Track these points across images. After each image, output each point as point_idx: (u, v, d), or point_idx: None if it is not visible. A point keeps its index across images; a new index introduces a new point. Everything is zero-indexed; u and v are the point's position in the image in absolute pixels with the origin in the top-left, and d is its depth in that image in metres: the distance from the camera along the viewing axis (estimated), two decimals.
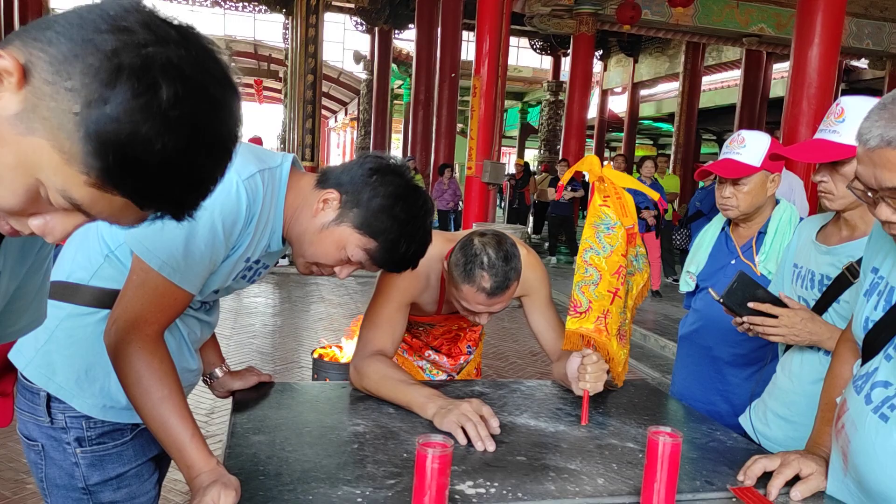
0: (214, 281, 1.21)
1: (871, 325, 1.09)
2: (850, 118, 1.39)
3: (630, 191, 1.55)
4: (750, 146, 1.83)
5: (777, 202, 1.92)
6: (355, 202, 1.18)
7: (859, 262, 1.38)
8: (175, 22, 0.58)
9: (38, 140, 0.54)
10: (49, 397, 1.19)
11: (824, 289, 1.48)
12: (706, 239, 2.05)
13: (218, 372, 1.52)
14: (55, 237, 0.60)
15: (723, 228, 2.00)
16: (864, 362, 1.12)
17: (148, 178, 0.56)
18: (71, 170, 0.55)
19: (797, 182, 4.26)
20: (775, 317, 1.44)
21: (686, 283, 2.06)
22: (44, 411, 1.19)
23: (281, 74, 15.76)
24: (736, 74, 14.36)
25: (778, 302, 1.46)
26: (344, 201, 1.19)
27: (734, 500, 1.14)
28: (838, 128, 1.41)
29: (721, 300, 1.47)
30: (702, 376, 1.96)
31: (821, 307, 1.48)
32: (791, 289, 1.60)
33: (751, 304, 1.45)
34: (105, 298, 1.18)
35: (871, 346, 1.10)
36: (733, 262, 1.92)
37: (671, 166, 12.38)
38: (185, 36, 0.57)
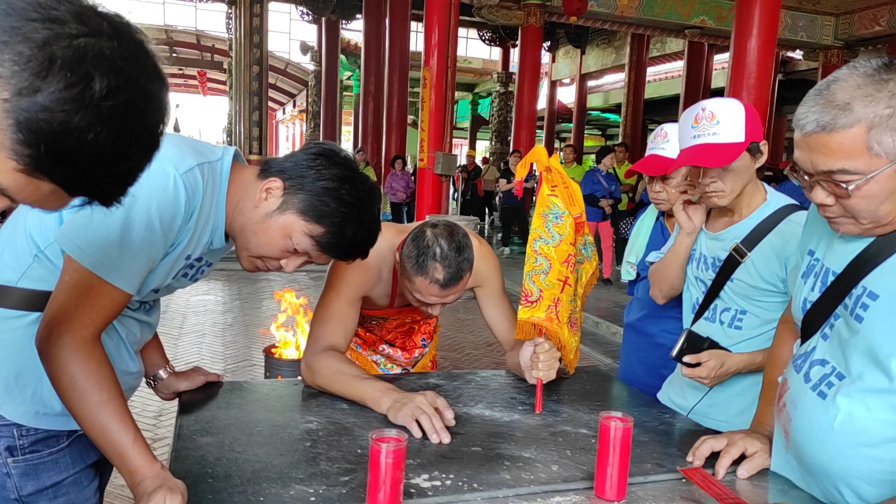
0: (153, 279, 1.16)
1: (808, 306, 1.13)
2: (722, 119, 1.46)
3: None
4: (673, 140, 1.88)
5: None
6: (299, 186, 1.15)
7: (744, 242, 1.52)
8: (106, 12, 0.58)
9: None
10: None
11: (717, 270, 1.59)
12: (642, 229, 2.12)
13: (162, 373, 1.47)
14: None
15: (658, 218, 2.07)
16: (802, 342, 1.16)
17: (78, 167, 0.57)
18: None
19: None
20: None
21: (627, 273, 2.14)
22: None
23: (225, 66, 15.34)
24: (679, 65, 14.73)
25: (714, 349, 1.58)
26: (287, 187, 1.16)
27: (684, 480, 1.17)
28: (716, 129, 1.46)
29: (673, 357, 1.58)
30: (646, 362, 2.02)
31: (716, 286, 1.60)
32: (690, 270, 1.70)
33: (686, 359, 1.57)
34: (35, 300, 1.11)
35: (809, 327, 1.14)
36: None
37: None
38: (117, 28, 0.58)
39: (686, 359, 1.56)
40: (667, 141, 1.89)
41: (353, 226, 1.17)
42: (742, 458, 1.20)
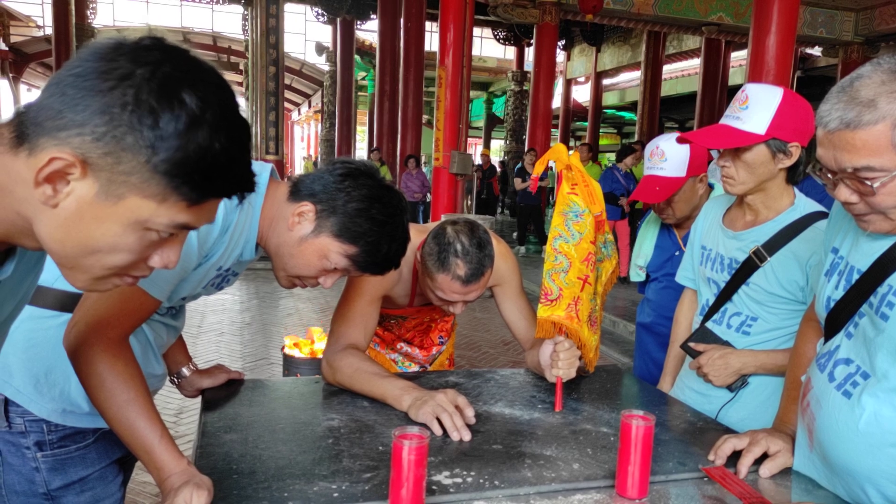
0: (184, 288, 1.19)
1: (832, 305, 1.12)
2: (752, 105, 1.42)
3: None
4: (671, 158, 1.87)
5: (711, 187, 1.98)
6: (331, 210, 1.18)
7: (765, 246, 1.48)
8: (146, 43, 0.64)
9: (129, 200, 0.63)
10: (6, 401, 1.15)
11: (733, 272, 1.55)
12: (648, 232, 2.13)
13: (185, 371, 1.49)
14: (175, 263, 0.71)
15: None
16: (826, 341, 1.15)
17: (224, 172, 0.66)
18: (168, 204, 0.64)
19: None
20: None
21: (637, 275, 2.14)
22: (1, 416, 1.15)
23: (241, 67, 15.45)
24: (696, 63, 14.58)
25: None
26: (319, 211, 1.19)
27: (706, 479, 1.16)
28: (741, 114, 1.43)
29: (681, 346, 1.64)
30: (659, 362, 2.02)
31: (731, 289, 1.56)
32: (700, 270, 1.67)
33: (690, 344, 1.62)
34: (69, 302, 1.14)
35: (832, 325, 1.13)
36: (677, 253, 1.99)
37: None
38: (160, 48, 0.64)
39: (690, 343, 1.57)
40: (665, 160, 1.87)
41: (387, 241, 1.20)
42: (764, 457, 1.19)
